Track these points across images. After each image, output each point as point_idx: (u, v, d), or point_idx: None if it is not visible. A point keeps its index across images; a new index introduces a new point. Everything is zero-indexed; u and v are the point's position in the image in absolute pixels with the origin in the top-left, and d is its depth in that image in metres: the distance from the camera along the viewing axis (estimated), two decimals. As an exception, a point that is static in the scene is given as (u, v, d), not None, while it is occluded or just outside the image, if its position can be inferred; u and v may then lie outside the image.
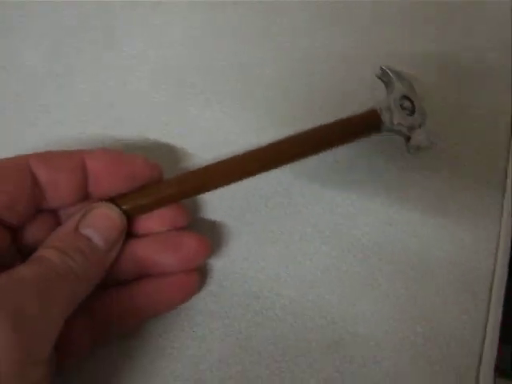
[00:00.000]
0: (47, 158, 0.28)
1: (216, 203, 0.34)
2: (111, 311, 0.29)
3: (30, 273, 0.24)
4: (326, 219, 0.34)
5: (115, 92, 0.38)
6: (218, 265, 0.33)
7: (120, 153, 0.30)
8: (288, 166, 0.34)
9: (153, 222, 0.31)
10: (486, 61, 0.40)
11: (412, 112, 0.33)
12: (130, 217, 0.29)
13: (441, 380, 0.30)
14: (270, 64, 0.40)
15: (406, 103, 0.33)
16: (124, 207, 0.29)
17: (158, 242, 0.30)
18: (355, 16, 0.42)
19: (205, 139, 0.36)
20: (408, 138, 0.33)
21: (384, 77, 0.35)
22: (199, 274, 0.31)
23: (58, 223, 0.30)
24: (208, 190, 0.31)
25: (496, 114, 0.38)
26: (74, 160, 0.28)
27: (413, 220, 0.34)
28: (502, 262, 0.33)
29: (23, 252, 0.28)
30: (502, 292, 0.32)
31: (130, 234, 0.30)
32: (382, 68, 0.35)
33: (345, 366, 0.30)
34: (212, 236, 0.33)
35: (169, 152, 0.36)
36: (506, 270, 0.32)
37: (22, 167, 0.27)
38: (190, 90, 0.38)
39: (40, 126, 0.37)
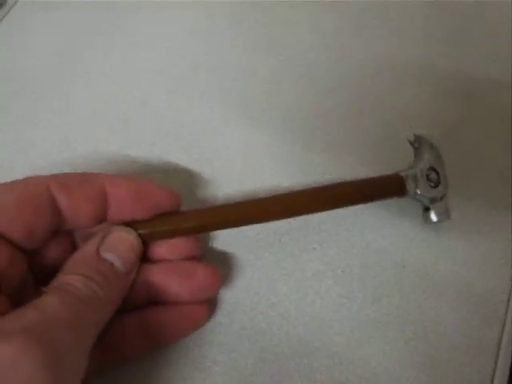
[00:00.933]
0: (68, 183, 0.28)
1: (230, 236, 0.34)
2: (120, 337, 0.29)
3: (59, 304, 0.23)
4: (340, 258, 0.34)
5: (134, 110, 0.38)
6: (229, 297, 0.33)
7: (142, 182, 0.30)
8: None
9: (166, 249, 0.31)
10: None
11: (437, 185, 0.33)
12: (144, 243, 0.29)
13: (443, 430, 0.30)
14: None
15: (433, 175, 0.33)
16: (140, 232, 0.29)
17: (171, 270, 0.30)
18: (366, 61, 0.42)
19: (225, 166, 0.36)
20: (427, 209, 0.34)
21: (415, 143, 0.35)
22: (209, 306, 0.31)
23: (72, 243, 0.30)
24: (225, 228, 0.31)
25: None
26: (95, 187, 0.28)
27: (426, 263, 0.34)
28: None
29: (37, 273, 0.28)
30: (509, 349, 0.32)
31: (143, 259, 0.30)
32: (415, 135, 0.35)
33: (349, 410, 0.30)
34: (224, 268, 0.34)
35: (186, 178, 0.36)
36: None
37: (42, 192, 0.27)
38: (213, 113, 0.38)
39: (52, 140, 0.37)
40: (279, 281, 0.33)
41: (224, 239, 0.34)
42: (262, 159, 0.37)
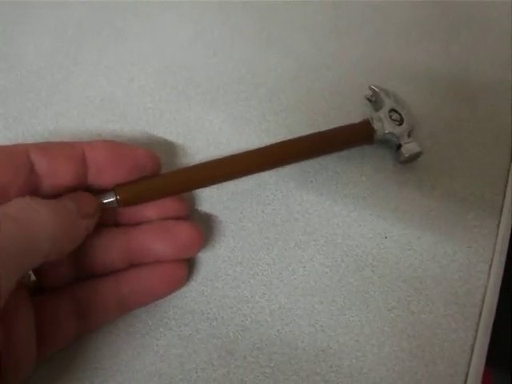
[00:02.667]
0: (47, 147, 0.28)
1: (213, 207, 0.35)
2: (97, 300, 0.29)
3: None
4: (322, 228, 0.34)
5: (120, 87, 0.39)
6: (211, 267, 0.33)
7: (121, 144, 0.30)
8: (287, 174, 0.35)
9: (150, 211, 0.31)
10: (487, 76, 0.41)
11: (401, 122, 0.35)
12: (127, 206, 0.29)
13: (426, 397, 0.30)
14: (277, 68, 0.40)
15: (395, 115, 0.36)
16: (121, 197, 0.29)
17: (153, 229, 0.30)
18: (360, 28, 0.43)
19: (207, 139, 0.37)
20: (398, 147, 0.35)
21: (373, 96, 0.38)
22: (188, 266, 0.31)
23: None
24: (205, 185, 0.31)
25: (495, 131, 0.39)
26: (74, 150, 0.28)
27: (408, 234, 0.34)
28: (495, 279, 0.33)
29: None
30: (493, 312, 0.32)
31: (125, 223, 0.30)
32: (370, 87, 0.38)
33: (331, 375, 0.30)
34: (207, 237, 0.34)
35: (170, 150, 0.36)
36: (497, 289, 0.32)
37: (20, 154, 0.27)
38: (197, 90, 0.39)
39: (40, 117, 0.37)
40: (262, 250, 0.33)
41: (207, 210, 0.34)
42: (243, 131, 0.37)
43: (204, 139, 0.37)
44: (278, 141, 0.33)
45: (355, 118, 0.35)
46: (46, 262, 0.24)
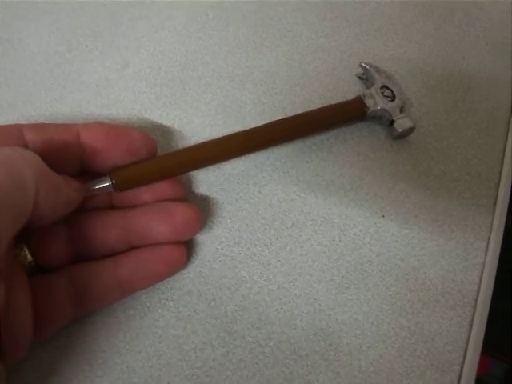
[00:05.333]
0: (41, 128, 0.28)
1: (210, 189, 0.34)
2: (95, 282, 0.29)
3: None
4: (319, 208, 0.34)
5: (115, 72, 0.38)
6: (209, 247, 0.33)
7: (116, 126, 0.30)
8: (284, 155, 0.35)
9: (146, 193, 0.31)
10: (486, 68, 0.41)
11: (393, 98, 0.36)
12: (123, 190, 0.29)
13: (425, 373, 0.30)
14: (271, 51, 0.40)
15: (387, 91, 0.36)
16: (116, 181, 0.29)
17: (151, 211, 0.30)
18: (353, 18, 0.43)
19: (203, 122, 0.37)
20: (391, 122, 0.36)
21: (364, 74, 0.38)
22: (186, 248, 0.31)
23: None
24: (201, 166, 0.31)
25: (490, 110, 0.39)
26: (69, 131, 0.28)
27: (405, 212, 0.34)
28: (492, 257, 0.33)
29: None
30: (490, 288, 0.32)
31: (122, 206, 0.30)
32: (361, 65, 0.38)
33: (330, 354, 0.30)
34: (205, 220, 0.33)
35: (166, 133, 0.36)
36: (495, 266, 0.33)
37: (14, 133, 0.27)
38: (192, 74, 0.39)
39: (35, 103, 0.37)
40: (259, 231, 0.33)
41: (204, 192, 0.34)
42: (239, 114, 0.37)
43: (200, 122, 0.36)
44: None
45: (350, 98, 0.36)
46: (32, 224, 0.24)
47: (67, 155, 0.28)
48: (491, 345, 0.32)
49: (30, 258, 0.28)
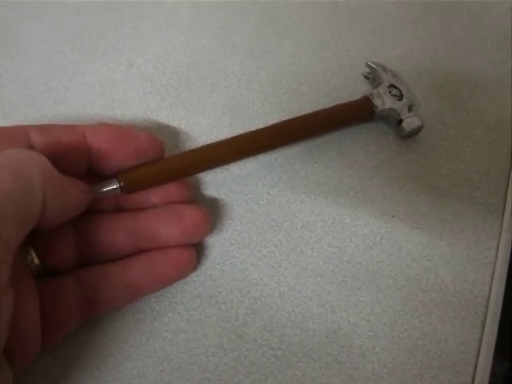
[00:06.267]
0: (47, 129, 0.27)
1: (219, 191, 0.34)
2: (104, 286, 0.28)
3: None
4: (329, 209, 0.34)
5: (119, 73, 0.38)
6: (219, 250, 0.32)
7: (123, 127, 0.29)
8: (292, 156, 0.35)
9: (154, 196, 0.30)
10: (492, 66, 0.41)
11: (401, 98, 0.35)
12: (130, 193, 0.29)
13: (438, 375, 0.30)
14: (277, 50, 0.40)
15: (394, 91, 0.36)
16: (124, 183, 0.29)
17: (159, 214, 0.29)
18: (359, 17, 0.42)
19: (210, 123, 0.36)
20: (399, 122, 0.35)
21: (370, 73, 0.38)
22: (196, 251, 0.31)
23: None
24: (209, 168, 0.31)
25: (497, 109, 0.39)
26: (75, 133, 0.28)
27: (415, 213, 0.34)
28: (503, 256, 0.33)
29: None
30: (502, 287, 0.32)
31: (130, 208, 0.30)
32: (367, 64, 0.38)
33: (342, 356, 0.30)
34: (214, 222, 0.33)
35: (172, 135, 0.36)
36: (506, 264, 0.32)
37: (21, 135, 0.26)
38: (197, 74, 0.38)
39: (39, 105, 0.37)
40: (269, 232, 0.33)
41: (212, 194, 0.34)
42: (245, 114, 0.37)
43: (207, 122, 0.36)
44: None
45: (358, 98, 0.35)
46: (40, 227, 0.24)
47: (73, 157, 0.28)
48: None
49: (37, 261, 0.27)
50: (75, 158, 0.28)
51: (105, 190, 0.28)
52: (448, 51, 0.41)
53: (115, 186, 0.28)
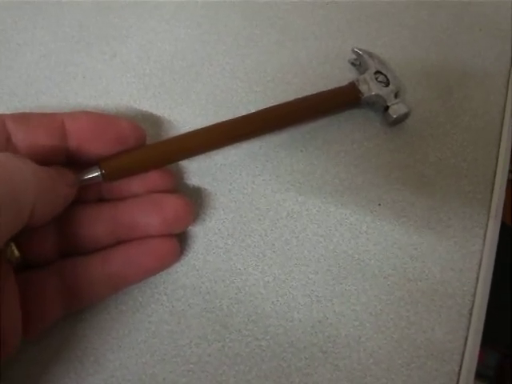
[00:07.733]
0: (24, 117, 0.27)
1: (202, 180, 0.34)
2: (84, 277, 0.28)
3: None
4: (314, 197, 0.33)
5: (102, 63, 0.37)
6: (202, 240, 0.32)
7: (103, 115, 0.29)
8: (277, 144, 0.34)
9: (136, 185, 0.30)
10: (480, 53, 0.40)
11: (387, 84, 0.35)
12: (112, 180, 0.28)
13: (425, 363, 0.30)
14: (262, 39, 0.39)
15: (381, 77, 0.35)
16: (106, 171, 0.28)
17: (140, 203, 0.29)
18: (344, 4, 0.42)
19: (194, 112, 0.36)
20: (386, 108, 0.35)
21: (357, 59, 0.38)
22: (179, 241, 0.30)
23: None
24: (192, 155, 0.30)
25: (486, 96, 0.38)
26: (53, 121, 0.27)
27: (401, 200, 0.33)
28: (490, 244, 0.32)
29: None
30: (490, 275, 0.32)
31: (111, 198, 0.29)
32: (354, 50, 0.38)
33: (328, 346, 0.30)
34: (197, 211, 0.33)
35: (156, 124, 0.35)
36: (493, 253, 0.32)
37: None
38: (181, 63, 0.38)
39: (20, 95, 0.36)
40: (253, 222, 0.32)
41: (196, 183, 0.33)
42: (230, 103, 0.37)
43: (190, 112, 0.36)
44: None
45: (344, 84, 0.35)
46: (27, 226, 0.23)
47: (51, 146, 0.27)
48: (483, 335, 0.31)
49: (17, 253, 0.27)
50: (53, 146, 0.27)
51: (86, 177, 0.28)
52: (435, 39, 0.40)
53: (97, 174, 0.28)
